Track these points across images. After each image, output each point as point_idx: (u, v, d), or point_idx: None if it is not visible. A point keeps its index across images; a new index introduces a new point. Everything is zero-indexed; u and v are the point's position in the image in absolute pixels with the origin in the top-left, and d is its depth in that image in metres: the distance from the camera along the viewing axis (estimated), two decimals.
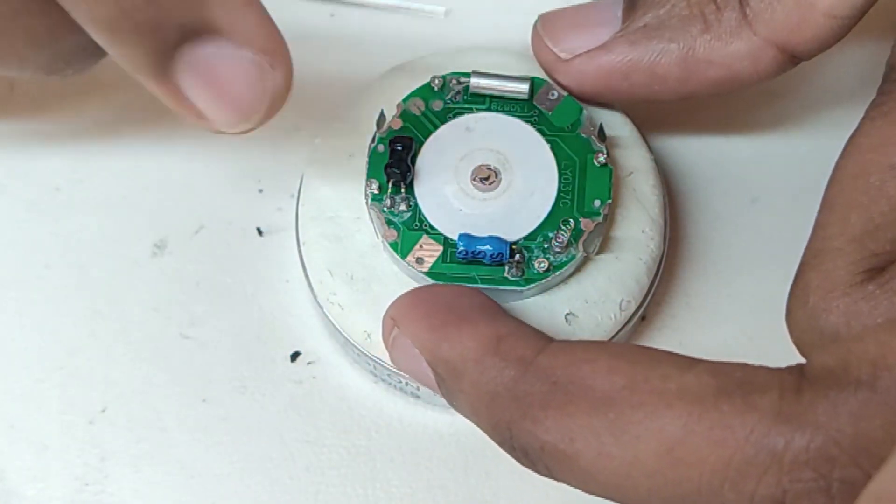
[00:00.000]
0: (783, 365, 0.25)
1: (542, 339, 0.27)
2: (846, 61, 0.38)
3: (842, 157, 0.29)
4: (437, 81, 0.33)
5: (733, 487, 0.24)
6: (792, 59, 0.32)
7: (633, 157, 0.34)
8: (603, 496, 0.26)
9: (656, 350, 0.26)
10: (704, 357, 0.35)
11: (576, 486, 0.26)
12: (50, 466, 0.34)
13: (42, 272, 0.36)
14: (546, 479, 0.33)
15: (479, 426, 0.28)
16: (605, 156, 0.32)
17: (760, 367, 0.25)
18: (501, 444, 0.27)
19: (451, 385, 0.28)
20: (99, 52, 0.28)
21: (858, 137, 0.28)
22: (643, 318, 0.35)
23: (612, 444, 0.25)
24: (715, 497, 0.24)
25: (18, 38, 0.28)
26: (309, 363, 0.35)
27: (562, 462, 0.26)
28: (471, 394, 0.27)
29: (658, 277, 0.34)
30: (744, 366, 0.25)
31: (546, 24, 0.33)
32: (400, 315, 0.30)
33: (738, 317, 0.35)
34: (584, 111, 0.33)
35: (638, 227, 0.33)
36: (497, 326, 0.28)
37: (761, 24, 0.31)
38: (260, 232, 0.36)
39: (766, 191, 0.37)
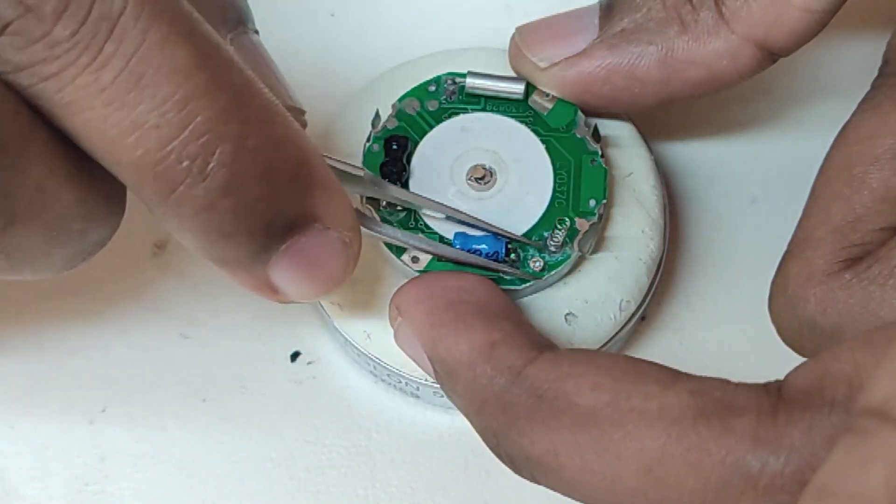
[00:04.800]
0: (781, 366, 0.25)
1: (534, 349, 0.28)
2: (847, 61, 0.38)
3: (830, 149, 0.29)
4: (432, 84, 0.33)
5: None
6: (770, 55, 0.32)
7: (633, 158, 0.34)
8: None
9: (642, 363, 0.26)
10: (704, 357, 0.35)
11: (561, 494, 0.26)
12: (50, 466, 0.34)
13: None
14: None
15: (471, 425, 0.28)
16: (601, 157, 0.32)
17: (740, 386, 0.25)
18: (489, 448, 0.27)
19: (446, 384, 0.29)
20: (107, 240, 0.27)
21: (847, 130, 0.28)
22: (643, 318, 0.35)
23: (595, 460, 0.25)
24: None
25: (44, 229, 0.25)
26: (309, 363, 0.35)
27: (546, 472, 0.26)
28: (463, 396, 0.28)
29: (658, 277, 0.34)
30: (724, 384, 0.25)
31: (524, 35, 0.33)
32: (403, 307, 0.30)
33: (738, 317, 0.35)
34: (579, 112, 0.33)
35: (638, 227, 0.33)
36: (492, 331, 0.28)
37: (738, 22, 0.31)
38: None
39: (766, 191, 0.37)
